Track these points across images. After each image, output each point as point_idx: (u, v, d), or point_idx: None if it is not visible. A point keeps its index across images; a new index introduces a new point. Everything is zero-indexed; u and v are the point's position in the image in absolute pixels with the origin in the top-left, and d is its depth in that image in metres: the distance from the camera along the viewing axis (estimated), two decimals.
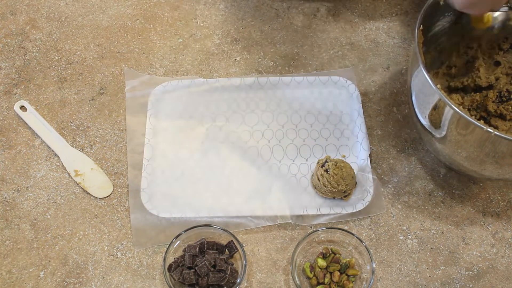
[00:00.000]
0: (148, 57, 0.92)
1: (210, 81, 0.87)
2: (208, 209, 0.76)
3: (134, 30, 0.95)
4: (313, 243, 0.74)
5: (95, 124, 0.85)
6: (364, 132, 0.81)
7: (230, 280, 0.69)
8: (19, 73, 0.90)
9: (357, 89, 0.86)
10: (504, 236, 0.75)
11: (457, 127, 0.63)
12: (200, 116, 0.85)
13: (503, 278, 0.72)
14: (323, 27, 0.96)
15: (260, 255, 0.74)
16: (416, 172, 0.80)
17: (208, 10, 0.98)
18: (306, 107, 0.86)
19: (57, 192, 0.79)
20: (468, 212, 0.77)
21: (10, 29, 0.96)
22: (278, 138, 0.83)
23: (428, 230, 0.76)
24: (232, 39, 0.94)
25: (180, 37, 0.95)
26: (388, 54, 0.92)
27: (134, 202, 0.77)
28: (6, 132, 0.84)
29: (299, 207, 0.76)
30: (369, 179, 0.77)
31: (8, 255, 0.74)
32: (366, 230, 0.76)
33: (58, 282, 0.72)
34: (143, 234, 0.75)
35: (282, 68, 0.91)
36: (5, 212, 0.77)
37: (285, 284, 0.72)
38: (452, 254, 0.74)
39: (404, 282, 0.72)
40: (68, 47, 0.93)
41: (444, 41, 0.80)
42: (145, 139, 0.82)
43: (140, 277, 0.72)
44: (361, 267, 0.72)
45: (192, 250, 0.70)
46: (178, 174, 0.80)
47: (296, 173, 0.80)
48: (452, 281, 0.72)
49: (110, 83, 0.89)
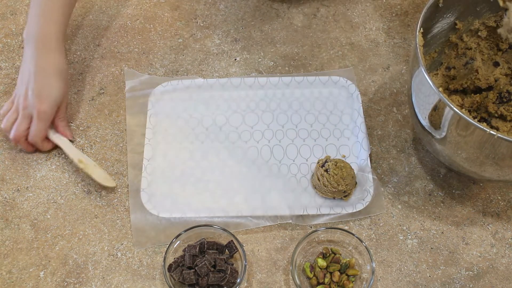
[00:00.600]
0: (148, 57, 0.92)
1: (210, 81, 0.87)
2: (208, 209, 0.76)
3: (134, 30, 0.95)
4: (313, 243, 0.74)
5: (95, 124, 0.85)
6: (364, 132, 0.81)
7: (230, 280, 0.69)
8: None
9: (357, 89, 0.86)
10: (504, 236, 0.75)
11: (457, 128, 0.63)
12: (200, 116, 0.85)
13: (503, 278, 0.72)
14: (323, 27, 0.96)
15: (260, 255, 0.74)
16: (416, 172, 0.80)
17: (208, 10, 0.98)
18: (306, 107, 0.86)
19: (57, 192, 0.79)
20: (468, 212, 0.77)
21: (10, 29, 0.96)
22: (278, 138, 0.83)
23: (428, 230, 0.76)
24: (232, 39, 0.94)
25: (180, 37, 0.95)
26: (388, 54, 0.92)
27: (134, 202, 0.77)
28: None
29: (299, 207, 0.76)
30: (369, 179, 0.77)
31: (8, 255, 0.74)
32: (366, 230, 0.76)
33: (58, 282, 0.72)
34: (143, 234, 0.75)
35: (282, 68, 0.91)
36: (5, 212, 0.77)
37: (285, 284, 0.72)
38: (452, 254, 0.74)
39: (404, 282, 0.72)
40: (68, 47, 0.93)
41: (443, 42, 0.80)
42: (145, 139, 0.82)
43: (140, 277, 0.72)
44: (361, 267, 0.72)
45: (192, 250, 0.70)
46: (178, 174, 0.80)
47: (296, 173, 0.80)
48: (452, 281, 0.72)
49: (110, 83, 0.89)
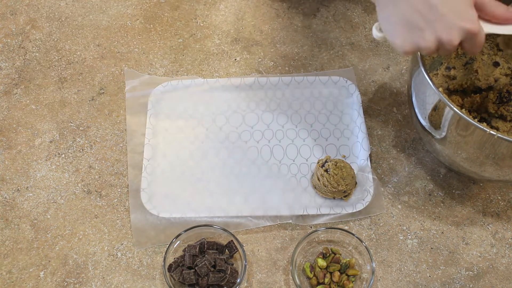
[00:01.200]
0: (148, 57, 0.92)
1: (210, 81, 0.87)
2: (208, 209, 0.76)
3: (134, 30, 0.95)
4: (313, 243, 0.74)
5: (95, 124, 0.85)
6: (364, 132, 0.81)
7: (230, 280, 0.69)
8: (19, 73, 0.90)
9: (357, 89, 0.86)
10: (504, 236, 0.75)
11: (457, 128, 0.63)
12: (200, 116, 0.85)
13: (503, 278, 0.72)
14: (323, 27, 0.96)
15: (260, 255, 0.74)
16: (416, 172, 0.80)
17: (208, 10, 0.98)
18: (306, 107, 0.86)
19: (57, 192, 0.79)
20: (468, 212, 0.77)
21: (10, 29, 0.96)
22: (278, 138, 0.83)
23: (428, 230, 0.76)
24: (232, 39, 0.94)
25: (180, 37, 0.95)
26: (388, 54, 0.92)
27: (134, 202, 0.77)
28: (6, 132, 0.84)
29: (299, 207, 0.76)
30: (369, 179, 0.77)
31: (8, 255, 0.74)
32: (366, 230, 0.76)
33: (58, 282, 0.72)
34: (143, 234, 0.75)
35: (282, 68, 0.91)
36: (5, 212, 0.77)
37: (285, 284, 0.72)
38: (452, 254, 0.74)
39: (404, 282, 0.72)
40: (68, 47, 0.93)
41: None
42: (145, 139, 0.82)
43: (140, 277, 0.72)
44: (361, 267, 0.72)
45: (192, 250, 0.70)
46: (178, 174, 0.80)
47: (296, 173, 0.80)
48: (452, 281, 0.72)
49: (110, 83, 0.89)
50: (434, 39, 0.56)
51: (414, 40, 0.57)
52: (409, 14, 0.57)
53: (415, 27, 0.57)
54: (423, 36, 0.57)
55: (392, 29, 0.59)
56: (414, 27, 0.57)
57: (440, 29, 0.56)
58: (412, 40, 0.57)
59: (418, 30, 0.57)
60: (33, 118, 0.86)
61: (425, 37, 0.57)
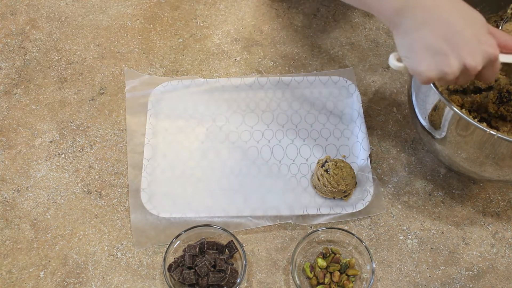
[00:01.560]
0: (148, 57, 0.92)
1: (210, 81, 0.87)
2: (208, 209, 0.76)
3: (134, 30, 0.95)
4: (313, 243, 0.74)
5: (95, 124, 0.85)
6: (364, 132, 0.81)
7: (230, 280, 0.69)
8: (19, 73, 0.90)
9: (357, 89, 0.86)
10: (504, 236, 0.75)
11: (457, 128, 0.63)
12: (200, 116, 0.85)
13: (503, 278, 0.72)
14: (323, 27, 0.96)
15: (260, 255, 0.74)
16: (416, 172, 0.80)
17: (208, 10, 0.98)
18: (306, 107, 0.86)
19: (57, 192, 0.79)
20: (468, 212, 0.77)
21: (10, 29, 0.96)
22: (278, 138, 0.83)
23: (428, 230, 0.76)
24: (232, 39, 0.94)
25: (180, 37, 0.95)
26: (388, 54, 0.92)
27: (134, 202, 0.77)
28: (6, 132, 0.84)
29: (299, 207, 0.76)
30: (369, 179, 0.77)
31: (8, 255, 0.74)
32: (366, 230, 0.76)
33: (58, 282, 0.72)
34: (143, 234, 0.75)
35: (282, 68, 0.91)
36: (5, 212, 0.77)
37: (285, 284, 0.72)
38: (452, 254, 0.74)
39: (404, 282, 0.72)
40: (68, 47, 0.93)
41: None
42: (145, 139, 0.82)
43: (140, 277, 0.72)
44: (361, 267, 0.72)
45: (192, 250, 0.70)
46: (178, 174, 0.80)
47: (296, 173, 0.80)
48: (452, 281, 0.72)
49: (110, 83, 0.89)
50: (459, 64, 0.55)
51: (439, 66, 0.56)
52: (433, 40, 0.55)
53: (439, 52, 0.55)
54: (448, 61, 0.55)
55: (415, 56, 0.57)
56: (438, 53, 0.55)
57: (465, 54, 0.55)
58: (436, 66, 0.56)
59: (443, 55, 0.55)
60: (33, 118, 0.86)
61: (450, 62, 0.55)
